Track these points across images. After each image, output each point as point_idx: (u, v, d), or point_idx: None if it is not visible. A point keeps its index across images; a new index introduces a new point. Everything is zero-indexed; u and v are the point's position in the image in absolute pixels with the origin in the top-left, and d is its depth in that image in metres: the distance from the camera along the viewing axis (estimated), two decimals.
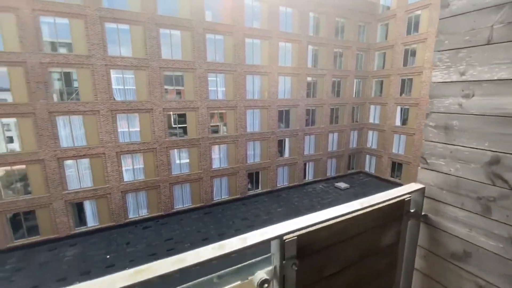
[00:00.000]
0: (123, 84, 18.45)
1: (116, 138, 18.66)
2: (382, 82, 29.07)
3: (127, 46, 18.11)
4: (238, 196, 24.06)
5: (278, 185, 26.34)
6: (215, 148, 22.60)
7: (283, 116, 25.51)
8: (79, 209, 18.65)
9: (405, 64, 26.31)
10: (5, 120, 15.81)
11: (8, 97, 15.49)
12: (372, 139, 30.76)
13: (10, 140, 16.45)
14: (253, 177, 25.03)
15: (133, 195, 20.11)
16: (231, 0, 20.96)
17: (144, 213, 20.62)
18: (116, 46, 17.81)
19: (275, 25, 23.06)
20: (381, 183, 28.48)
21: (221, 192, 23.56)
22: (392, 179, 28.50)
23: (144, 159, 19.96)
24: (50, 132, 16.69)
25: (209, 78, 21.09)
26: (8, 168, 16.29)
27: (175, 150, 20.97)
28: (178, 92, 20.68)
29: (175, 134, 20.90)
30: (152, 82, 19.02)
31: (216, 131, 22.66)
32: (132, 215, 20.23)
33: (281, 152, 26.17)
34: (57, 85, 16.96)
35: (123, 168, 19.45)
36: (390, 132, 28.22)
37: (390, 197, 1.43)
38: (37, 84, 15.82)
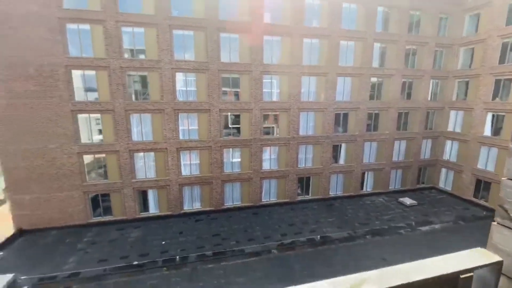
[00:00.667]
0: (185, 85, 19.95)
1: (177, 135, 20.30)
2: (467, 83, 24.40)
3: (190, 51, 19.50)
4: (286, 200, 23.48)
5: (330, 193, 24.70)
6: (266, 150, 22.53)
7: (341, 120, 23.76)
8: (144, 196, 20.96)
9: (502, 61, 21.45)
10: (94, 116, 18.84)
11: (95, 96, 18.42)
12: (450, 150, 26.14)
13: (99, 132, 19.51)
14: (304, 182, 24.04)
15: (189, 188, 21.58)
16: (291, 0, 20.55)
17: (197, 206, 21.93)
18: (181, 51, 19.35)
19: (336, 23, 21.63)
20: (459, 203, 23.94)
21: (269, 194, 23.37)
22: (475, 200, 23.64)
23: (200, 156, 21.21)
24: (125, 127, 19.17)
25: (264, 80, 21.12)
26: (94, 156, 19.38)
27: (228, 149, 21.67)
28: (235, 94, 21.29)
29: (229, 134, 21.60)
30: (211, 84, 20.04)
31: (268, 133, 22.55)
32: (186, 207, 21.74)
33: (336, 158, 24.46)
34: (132, 86, 19.38)
35: (182, 163, 21.03)
36: (475, 143, 23.45)
37: (435, 272, 0.85)
38: (117, 86, 18.37)
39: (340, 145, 24.25)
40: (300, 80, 21.77)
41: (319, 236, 18.53)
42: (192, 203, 21.91)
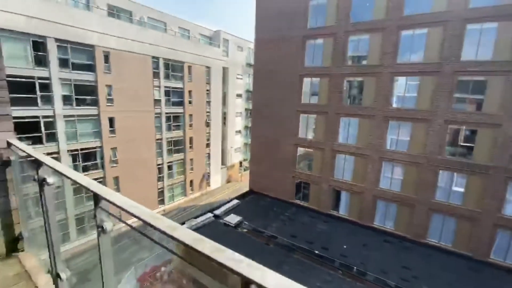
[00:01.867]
0: (404, 91, 17.97)
1: (383, 144, 19.03)
2: None
3: (418, 51, 17.08)
4: None
5: None
6: None
7: None
8: (337, 196, 21.95)
9: None
10: (311, 116, 22.23)
11: (316, 99, 21.56)
12: None
13: (312, 130, 22.85)
14: None
15: (384, 203, 19.68)
16: None
17: (389, 226, 19.56)
18: (406, 53, 17.49)
19: None
20: None
21: (507, 251, 15.66)
22: None
23: (406, 171, 18.49)
24: (334, 129, 20.89)
25: None
26: (304, 149, 23.07)
27: (448, 172, 17.01)
28: (475, 102, 16.08)
29: (454, 154, 16.83)
30: (439, 88, 16.51)
31: None
32: (377, 222, 20.07)
33: None
34: (348, 91, 20.51)
35: (382, 174, 19.52)
36: None
37: None
38: (334, 91, 20.30)
39: None
40: None
41: None
42: (385, 220, 19.81)
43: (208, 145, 36.65)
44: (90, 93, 22.76)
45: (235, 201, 23.99)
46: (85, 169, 23.37)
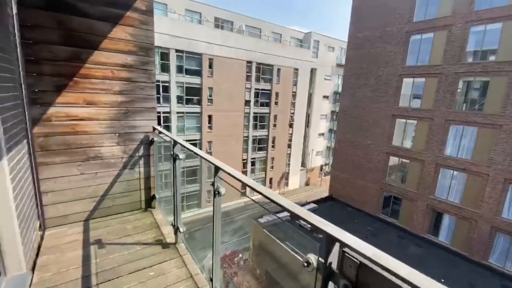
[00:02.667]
0: None
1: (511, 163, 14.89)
2: None
3: None
4: None
5: None
6: None
7: None
8: (437, 218, 18.52)
9: None
10: (411, 122, 19.47)
11: (418, 103, 18.74)
12: None
13: (411, 138, 20.02)
14: None
15: (506, 238, 15.38)
16: None
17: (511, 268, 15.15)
18: None
19: None
20: None
21: None
22: None
23: None
24: (440, 138, 17.68)
25: None
26: (399, 159, 20.43)
27: None
28: None
29: None
30: None
31: None
32: (493, 260, 15.88)
33: None
34: (463, 94, 16.94)
35: (507, 200, 15.31)
36: None
37: None
38: (444, 93, 17.14)
39: None
40: None
41: None
42: (505, 260, 15.45)
43: (289, 145, 37.24)
44: (196, 94, 26.88)
45: (313, 205, 23.55)
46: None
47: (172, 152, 2.68)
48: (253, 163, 33.52)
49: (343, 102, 24.36)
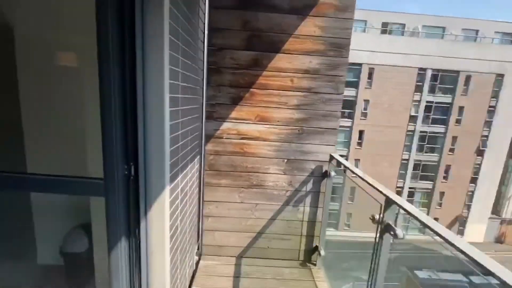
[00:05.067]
0: None
1: None
2: None
3: None
4: None
5: None
6: None
7: None
8: None
9: None
10: None
11: None
12: None
13: None
14: None
15: None
16: None
17: None
18: None
19: None
20: None
21: None
22: None
23: None
24: None
25: None
26: None
27: None
28: None
29: None
30: None
31: None
32: None
33: None
34: None
35: None
36: None
37: None
38: None
39: None
40: None
41: None
42: None
43: (473, 180, 27.09)
44: (349, 107, 24.96)
45: None
46: None
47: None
48: (410, 194, 27.03)
49: None
